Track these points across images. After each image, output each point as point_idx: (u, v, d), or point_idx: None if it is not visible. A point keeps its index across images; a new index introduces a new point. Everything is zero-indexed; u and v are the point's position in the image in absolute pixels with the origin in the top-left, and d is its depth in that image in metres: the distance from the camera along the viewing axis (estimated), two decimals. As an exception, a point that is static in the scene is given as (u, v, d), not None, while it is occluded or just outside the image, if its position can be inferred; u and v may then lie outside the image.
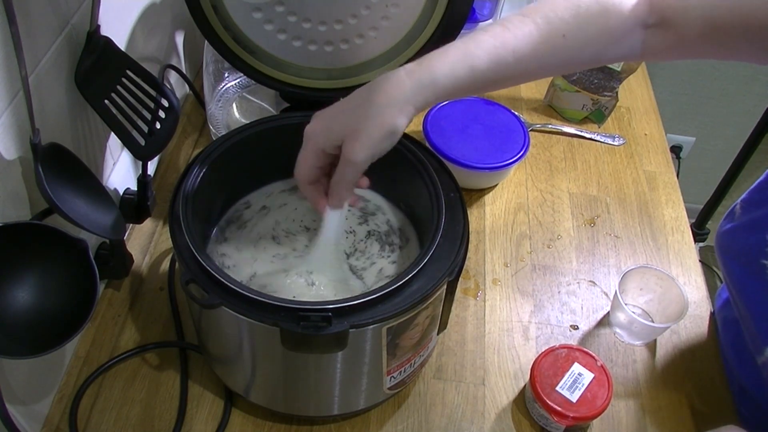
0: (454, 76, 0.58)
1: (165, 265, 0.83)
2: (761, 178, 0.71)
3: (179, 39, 0.99)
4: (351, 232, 0.73)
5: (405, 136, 0.71)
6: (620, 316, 0.79)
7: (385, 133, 0.57)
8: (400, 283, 0.57)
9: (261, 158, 0.73)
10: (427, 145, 0.81)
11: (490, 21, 1.01)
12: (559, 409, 0.67)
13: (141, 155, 0.72)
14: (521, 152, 0.92)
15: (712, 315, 0.85)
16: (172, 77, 0.96)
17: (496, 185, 0.97)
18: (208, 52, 0.88)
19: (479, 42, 0.60)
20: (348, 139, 0.57)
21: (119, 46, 0.70)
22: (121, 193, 0.80)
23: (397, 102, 0.57)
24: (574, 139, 1.06)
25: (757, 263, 0.66)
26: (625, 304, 0.76)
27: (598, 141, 1.06)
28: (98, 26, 0.66)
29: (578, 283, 0.86)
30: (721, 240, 0.73)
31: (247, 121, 0.71)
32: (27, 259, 0.57)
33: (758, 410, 0.72)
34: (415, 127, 1.00)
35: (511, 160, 0.91)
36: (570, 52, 0.63)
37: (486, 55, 0.59)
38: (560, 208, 0.95)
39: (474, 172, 0.90)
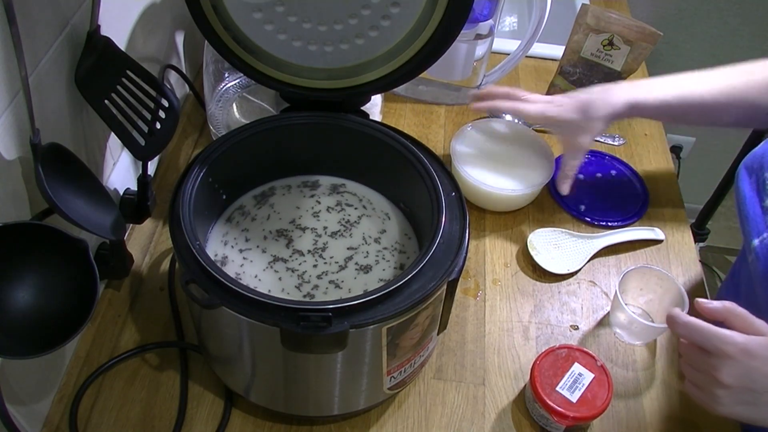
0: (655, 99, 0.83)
1: (165, 265, 0.83)
2: None
3: (179, 39, 0.99)
4: (346, 225, 0.73)
5: (404, 136, 0.71)
6: (620, 316, 0.79)
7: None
8: (400, 283, 0.57)
9: (261, 158, 0.73)
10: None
11: (490, 21, 1.01)
12: (559, 409, 0.67)
13: (141, 155, 0.72)
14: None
15: None
16: (172, 77, 0.96)
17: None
18: (208, 52, 0.88)
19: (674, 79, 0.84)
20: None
21: (119, 46, 0.70)
22: (121, 193, 0.80)
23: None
24: (574, 139, 1.06)
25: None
26: (625, 304, 0.76)
27: (598, 141, 1.05)
28: (98, 26, 0.66)
29: (578, 283, 0.86)
30: (750, 161, 0.75)
31: (247, 121, 0.71)
32: (27, 259, 0.57)
33: None
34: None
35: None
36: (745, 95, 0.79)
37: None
38: (561, 208, 0.95)
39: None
